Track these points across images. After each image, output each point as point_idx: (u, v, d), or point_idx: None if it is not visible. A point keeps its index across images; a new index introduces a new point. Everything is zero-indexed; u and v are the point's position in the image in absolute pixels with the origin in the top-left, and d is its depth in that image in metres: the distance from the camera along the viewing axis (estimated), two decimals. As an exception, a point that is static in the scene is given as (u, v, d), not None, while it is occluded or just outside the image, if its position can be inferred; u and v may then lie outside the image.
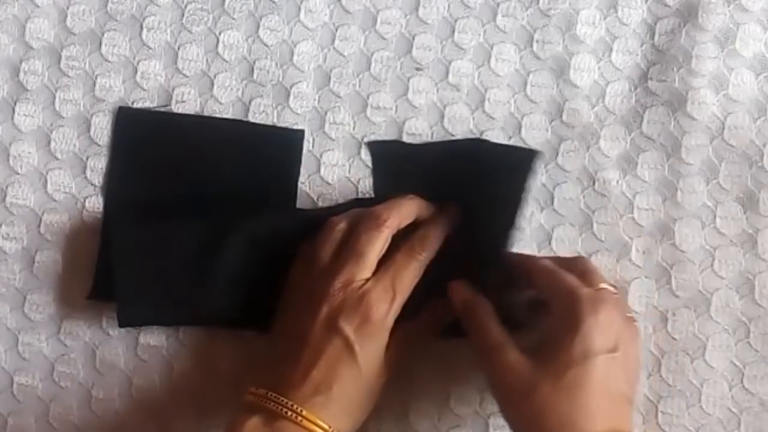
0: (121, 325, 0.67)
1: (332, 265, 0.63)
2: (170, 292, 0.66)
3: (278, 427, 0.59)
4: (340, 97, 0.70)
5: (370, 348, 0.61)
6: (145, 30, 0.71)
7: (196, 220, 0.67)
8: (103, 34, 0.71)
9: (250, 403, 0.61)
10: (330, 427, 0.60)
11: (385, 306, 0.62)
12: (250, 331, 0.68)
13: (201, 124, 0.70)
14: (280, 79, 0.70)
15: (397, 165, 0.69)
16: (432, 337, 0.66)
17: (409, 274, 0.63)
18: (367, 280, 0.62)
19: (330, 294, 0.62)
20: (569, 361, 0.58)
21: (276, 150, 0.69)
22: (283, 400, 0.60)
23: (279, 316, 0.65)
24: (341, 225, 0.65)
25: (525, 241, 0.68)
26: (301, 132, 0.70)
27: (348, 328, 0.61)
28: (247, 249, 0.66)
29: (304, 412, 0.59)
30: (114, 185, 0.69)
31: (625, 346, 0.60)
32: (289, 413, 0.59)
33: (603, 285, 0.62)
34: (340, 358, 0.61)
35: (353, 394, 0.61)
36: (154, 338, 0.69)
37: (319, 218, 0.66)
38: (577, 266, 0.64)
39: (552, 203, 0.69)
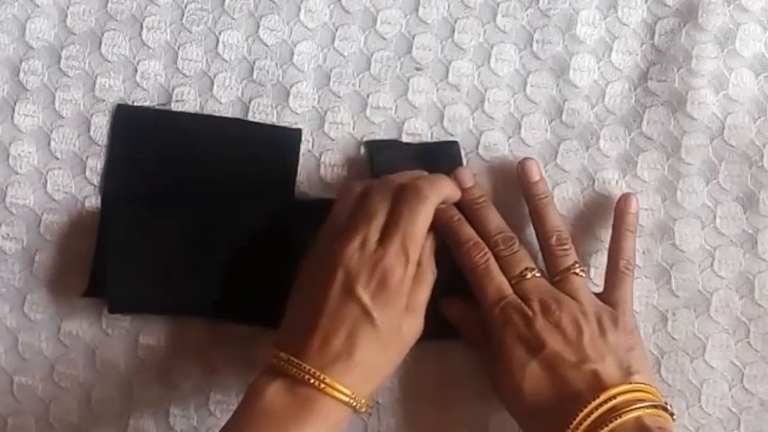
0: (111, 311, 0.67)
1: (347, 229, 0.63)
2: (163, 280, 0.66)
3: (301, 393, 0.60)
4: (339, 97, 0.70)
5: (388, 313, 0.61)
6: (145, 30, 0.71)
7: (189, 213, 0.67)
8: (103, 34, 0.71)
9: (272, 365, 0.61)
10: (352, 392, 0.60)
11: (401, 270, 0.62)
12: (243, 324, 0.68)
13: (199, 123, 0.70)
14: (280, 78, 0.70)
15: (397, 165, 0.69)
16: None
17: (420, 226, 0.63)
18: (380, 239, 0.62)
19: (345, 257, 0.62)
20: (515, 378, 0.62)
21: (274, 149, 0.69)
22: (305, 367, 0.60)
23: (297, 281, 0.65)
24: (357, 188, 0.65)
25: (526, 240, 0.68)
26: (299, 131, 0.70)
27: (365, 295, 0.61)
28: (242, 240, 0.66)
29: (326, 379, 0.59)
30: (112, 183, 0.69)
31: (556, 332, 0.62)
32: (311, 380, 0.59)
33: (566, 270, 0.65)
34: (358, 325, 0.61)
35: (374, 360, 0.61)
36: (154, 338, 0.69)
37: (317, 208, 0.66)
38: (550, 242, 0.65)
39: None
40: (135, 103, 0.70)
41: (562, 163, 0.69)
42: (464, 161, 0.69)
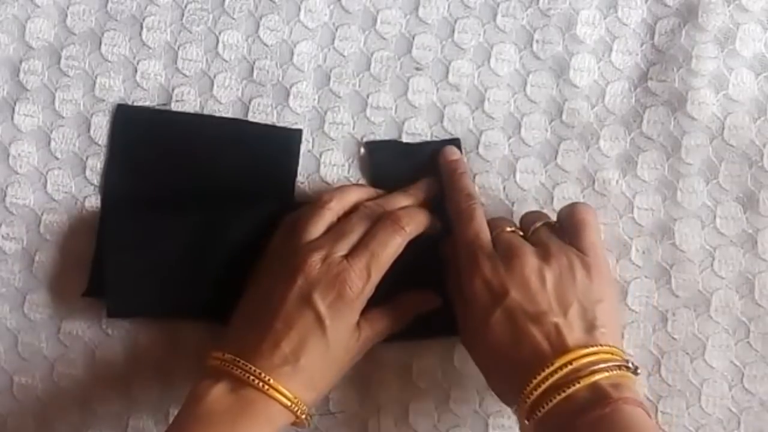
0: (110, 316, 0.67)
1: (317, 241, 0.64)
2: (162, 284, 0.66)
3: (244, 395, 0.60)
4: (339, 97, 0.70)
5: (339, 324, 0.62)
6: (145, 30, 0.71)
7: (189, 214, 0.67)
8: (103, 34, 0.71)
9: (214, 368, 0.61)
10: (295, 398, 0.60)
11: (360, 285, 0.62)
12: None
13: (199, 123, 0.70)
14: (280, 78, 0.70)
15: (397, 165, 0.69)
16: (399, 324, 0.66)
17: (389, 252, 0.63)
18: (346, 255, 0.63)
19: (308, 266, 0.62)
20: (480, 325, 0.61)
21: (274, 149, 0.69)
22: (250, 368, 0.60)
23: (252, 283, 0.65)
24: (332, 204, 0.65)
25: (525, 241, 0.68)
26: (299, 131, 0.70)
27: (321, 303, 0.61)
28: (240, 243, 0.66)
29: (271, 381, 0.60)
30: (112, 183, 0.69)
31: (520, 280, 0.61)
32: (256, 381, 0.60)
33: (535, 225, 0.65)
34: (310, 331, 0.61)
35: (319, 367, 0.62)
36: (153, 339, 0.69)
37: None
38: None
39: (552, 203, 0.69)
40: (135, 103, 0.70)
41: (562, 163, 0.69)
42: (464, 160, 0.69)
